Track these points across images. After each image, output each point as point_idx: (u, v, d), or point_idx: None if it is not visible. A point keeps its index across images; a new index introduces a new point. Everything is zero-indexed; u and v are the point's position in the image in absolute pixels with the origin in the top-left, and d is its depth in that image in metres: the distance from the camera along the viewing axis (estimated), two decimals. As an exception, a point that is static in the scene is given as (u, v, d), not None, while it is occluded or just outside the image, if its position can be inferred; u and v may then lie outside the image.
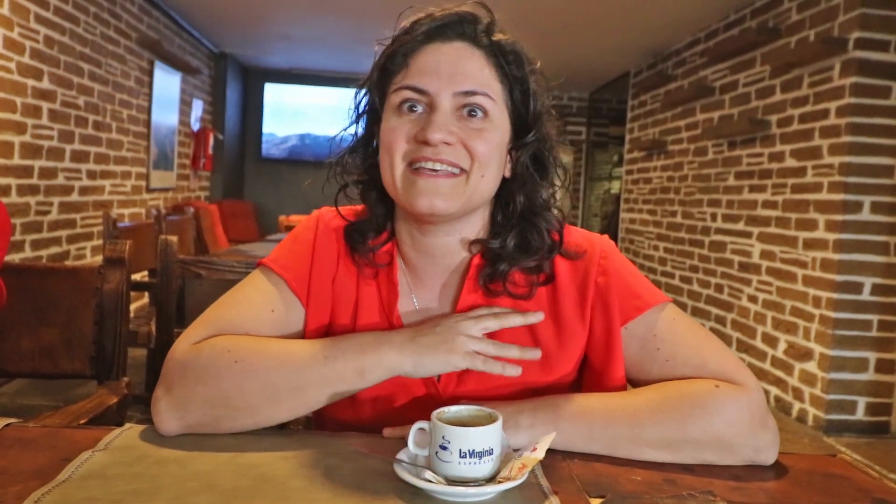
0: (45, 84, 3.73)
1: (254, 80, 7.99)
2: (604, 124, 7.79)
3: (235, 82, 7.55)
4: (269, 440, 0.77)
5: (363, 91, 0.93)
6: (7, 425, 0.77)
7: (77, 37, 4.08)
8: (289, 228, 4.98)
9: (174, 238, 1.85)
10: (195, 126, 6.45)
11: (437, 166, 0.82)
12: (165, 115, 5.61)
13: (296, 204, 7.85)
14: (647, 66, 6.01)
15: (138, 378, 2.84)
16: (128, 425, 0.80)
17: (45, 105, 3.74)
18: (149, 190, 5.36)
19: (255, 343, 0.82)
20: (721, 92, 4.64)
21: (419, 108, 0.85)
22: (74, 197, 4.15)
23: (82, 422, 1.05)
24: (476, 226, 0.91)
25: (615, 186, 7.30)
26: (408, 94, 0.85)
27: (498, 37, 0.88)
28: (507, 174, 0.90)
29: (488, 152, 0.84)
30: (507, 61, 0.87)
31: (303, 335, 0.91)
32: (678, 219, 5.26)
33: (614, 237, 5.43)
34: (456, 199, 0.83)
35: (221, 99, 7.13)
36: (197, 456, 0.73)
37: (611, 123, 7.66)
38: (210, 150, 6.51)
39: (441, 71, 0.84)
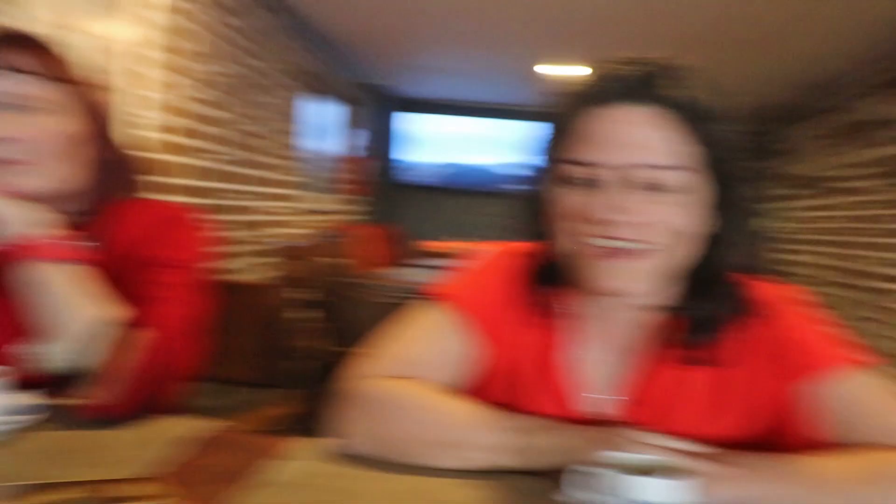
0: (221, 113, 4.11)
1: (397, 109, 8.37)
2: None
3: (380, 112, 7.93)
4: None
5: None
6: (217, 429, 0.84)
7: (249, 70, 4.47)
8: (429, 254, 5.12)
9: (342, 261, 1.96)
10: (348, 153, 6.83)
11: None
12: (321, 142, 5.99)
13: (438, 230, 8.08)
14: (799, 95, 5.63)
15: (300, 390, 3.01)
16: (311, 439, 0.85)
17: (219, 132, 4.12)
18: (305, 212, 5.72)
19: (438, 397, 0.83)
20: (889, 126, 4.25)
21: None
22: (241, 216, 4.51)
23: (266, 429, 1.13)
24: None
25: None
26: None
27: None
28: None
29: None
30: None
31: (481, 376, 0.91)
32: (844, 261, 4.84)
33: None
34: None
35: (366, 128, 7.50)
36: (380, 476, 0.76)
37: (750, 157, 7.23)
38: (362, 176, 6.86)
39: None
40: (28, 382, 0.85)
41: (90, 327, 0.83)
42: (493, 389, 0.91)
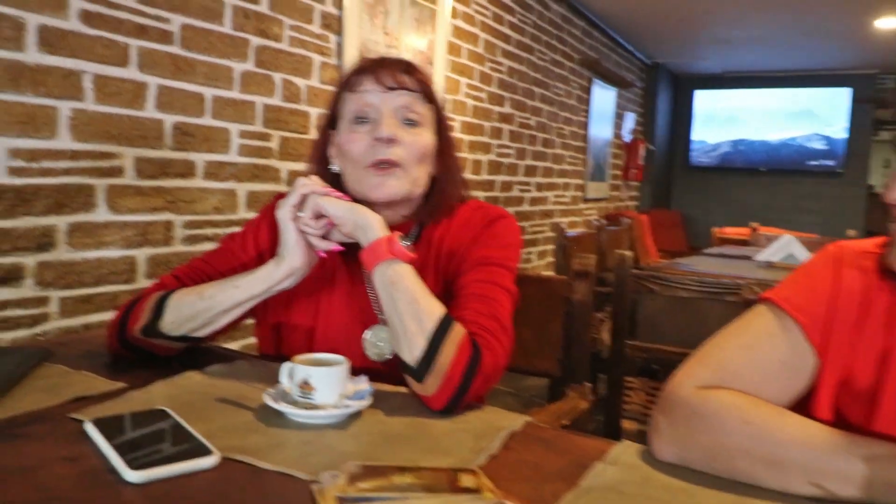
0: (506, 109, 4.25)
1: (684, 87, 7.85)
2: None
3: (665, 92, 7.52)
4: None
5: None
6: (527, 423, 0.85)
7: (532, 64, 4.55)
8: (723, 241, 4.72)
9: (629, 253, 1.89)
10: (627, 138, 6.62)
11: None
12: (600, 129, 5.88)
13: (725, 214, 7.44)
14: None
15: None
16: (625, 442, 0.82)
17: (505, 127, 4.26)
18: (585, 200, 5.68)
19: (769, 411, 0.74)
20: None
21: None
22: (525, 207, 4.64)
23: (564, 423, 1.12)
24: None
25: None
26: None
27: None
28: None
29: None
30: None
31: (813, 388, 0.80)
32: None
33: None
34: None
35: (652, 109, 7.18)
36: (702, 491, 0.70)
37: None
38: (640, 161, 6.61)
39: None
40: (361, 370, 0.94)
41: (437, 323, 0.90)
42: (823, 404, 0.80)
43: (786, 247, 2.94)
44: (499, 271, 1.05)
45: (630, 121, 6.69)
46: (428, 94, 1.10)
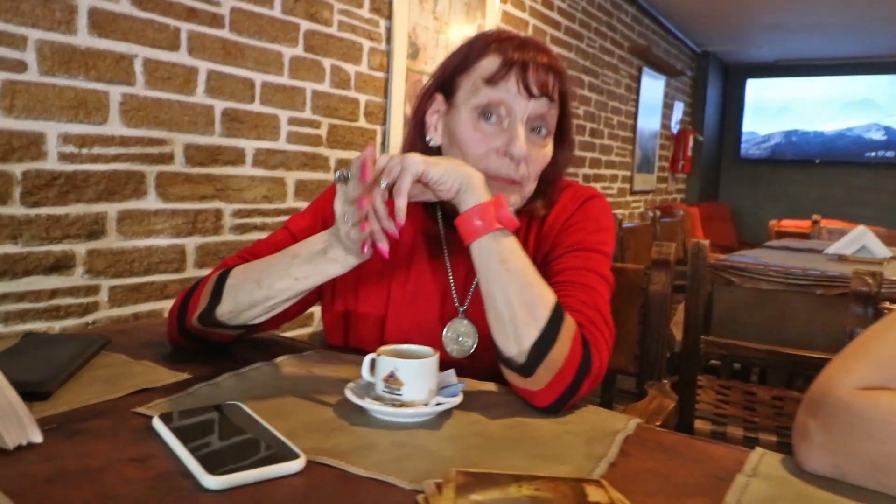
0: (556, 97, 4.12)
1: (735, 77, 7.60)
2: None
3: (716, 81, 7.29)
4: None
5: None
6: (639, 426, 0.75)
7: (581, 52, 4.41)
8: (781, 235, 4.53)
9: (705, 242, 1.76)
10: (675, 128, 6.43)
11: None
12: (649, 119, 5.71)
13: (777, 208, 7.19)
14: None
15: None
16: (759, 450, 0.71)
17: (554, 117, 4.13)
18: (632, 192, 5.52)
19: None
20: None
21: None
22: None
23: (658, 424, 1.01)
24: None
25: None
26: None
27: None
28: None
29: None
30: None
31: None
32: None
33: None
34: None
35: (701, 99, 6.96)
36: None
37: None
38: (689, 152, 6.41)
39: None
40: (449, 363, 0.85)
41: (551, 312, 0.80)
42: None
43: (859, 239, 2.77)
44: (595, 257, 0.95)
45: (678, 111, 6.49)
46: (563, 99, 0.98)
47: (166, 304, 2.12)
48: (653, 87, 5.71)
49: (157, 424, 0.65)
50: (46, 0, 1.72)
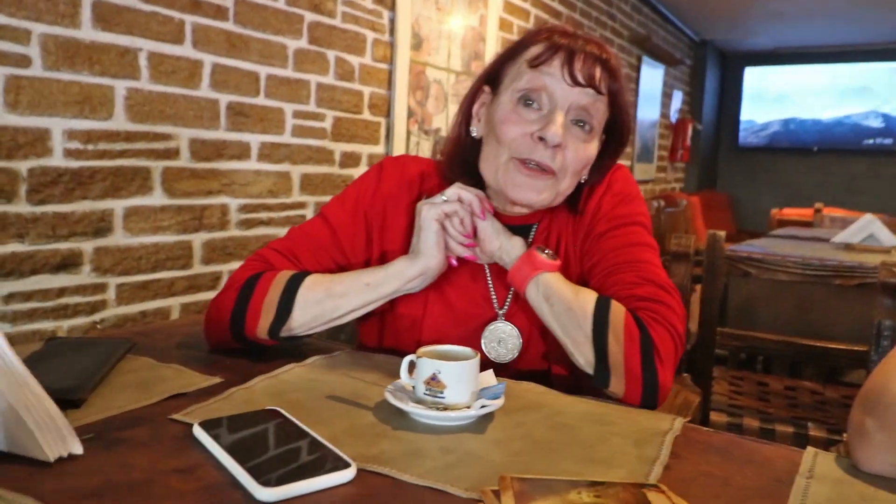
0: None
1: (733, 65, 7.58)
2: None
3: (714, 70, 7.26)
4: None
5: None
6: (684, 425, 0.73)
7: (582, 41, 4.38)
8: (782, 223, 4.52)
9: (722, 233, 1.75)
10: (674, 118, 6.41)
11: None
12: (648, 108, 5.69)
13: (775, 196, 7.19)
14: None
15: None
16: (811, 449, 0.69)
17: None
18: (643, 182, 5.51)
19: None
20: None
21: None
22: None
23: (687, 420, 0.99)
24: None
25: None
26: None
27: None
28: None
29: None
30: None
31: None
32: None
33: None
34: None
35: (700, 88, 6.94)
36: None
37: None
38: (688, 141, 6.39)
39: None
40: (487, 365, 0.83)
41: (592, 320, 0.83)
42: None
43: (866, 227, 2.76)
44: (634, 229, 0.94)
45: (677, 100, 6.47)
46: (614, 97, 0.93)
47: (173, 302, 2.10)
48: (652, 76, 5.69)
49: (199, 433, 0.63)
50: (50, -7, 1.69)
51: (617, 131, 0.97)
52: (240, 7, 2.18)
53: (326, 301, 0.89)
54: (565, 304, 0.84)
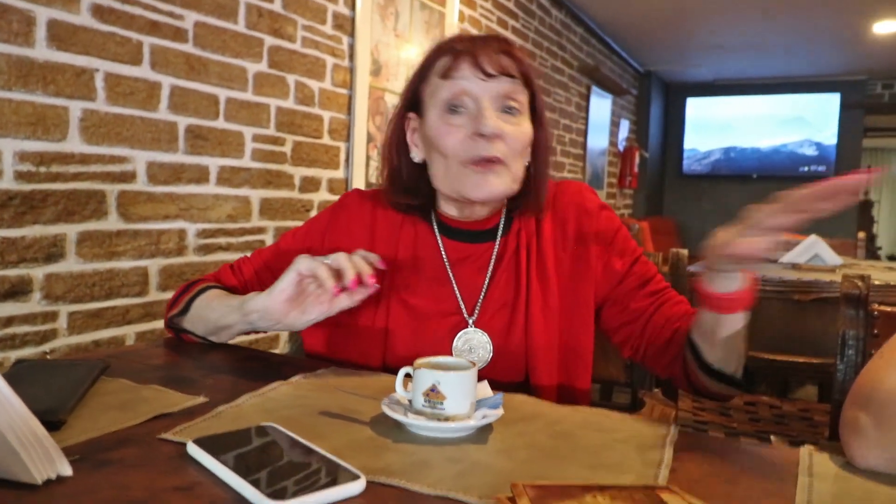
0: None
1: (676, 95, 7.86)
2: None
3: (658, 100, 7.52)
4: None
5: None
6: (681, 428, 0.74)
7: (543, 68, 4.47)
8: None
9: (684, 251, 1.79)
10: (621, 146, 6.59)
11: None
12: (598, 137, 5.83)
13: (718, 222, 7.41)
14: None
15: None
16: (807, 447, 0.71)
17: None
18: (584, 209, 5.62)
19: None
20: None
21: None
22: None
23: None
24: None
25: None
26: None
27: None
28: None
29: None
30: None
31: None
32: None
33: None
34: None
35: (645, 117, 7.16)
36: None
37: None
38: (636, 169, 6.57)
39: None
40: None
41: None
42: None
43: (811, 248, 2.87)
44: (645, 260, 1.05)
45: (624, 129, 6.66)
46: (527, 78, 0.98)
47: (128, 330, 2.02)
48: (601, 105, 5.85)
49: (194, 450, 0.60)
50: (2, 10, 1.64)
51: (535, 106, 1.01)
52: (199, 29, 2.15)
53: (209, 314, 0.99)
54: None
